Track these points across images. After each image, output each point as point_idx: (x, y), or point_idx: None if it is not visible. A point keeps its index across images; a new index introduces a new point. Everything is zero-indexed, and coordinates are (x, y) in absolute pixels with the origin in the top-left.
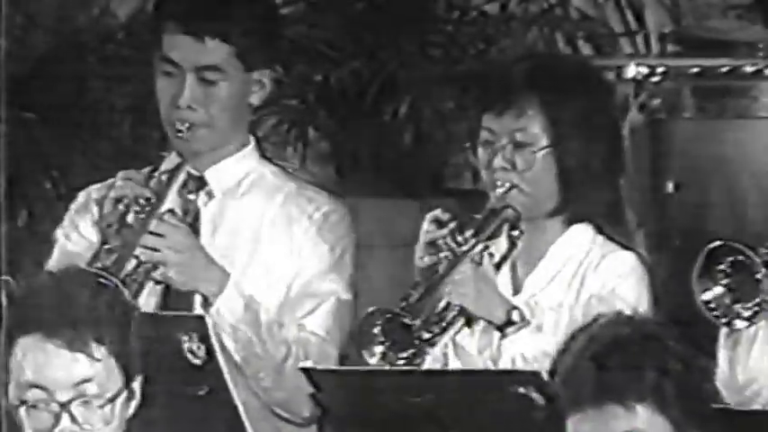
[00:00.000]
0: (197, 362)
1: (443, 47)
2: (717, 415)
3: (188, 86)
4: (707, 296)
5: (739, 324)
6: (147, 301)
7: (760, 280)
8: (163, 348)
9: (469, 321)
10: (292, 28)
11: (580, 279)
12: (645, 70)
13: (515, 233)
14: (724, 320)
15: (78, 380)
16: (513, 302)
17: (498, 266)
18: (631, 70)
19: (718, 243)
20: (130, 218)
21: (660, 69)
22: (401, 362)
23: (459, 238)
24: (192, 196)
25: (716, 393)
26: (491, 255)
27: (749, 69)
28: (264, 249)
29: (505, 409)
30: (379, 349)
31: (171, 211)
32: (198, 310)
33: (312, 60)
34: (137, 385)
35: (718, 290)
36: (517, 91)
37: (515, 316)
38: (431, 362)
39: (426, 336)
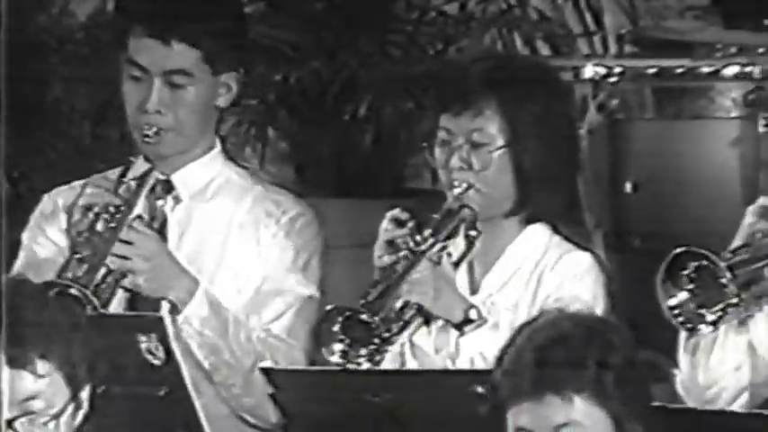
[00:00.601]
0: (156, 362)
1: (403, 47)
2: (659, 411)
3: (155, 91)
4: (672, 302)
5: (705, 329)
6: (115, 308)
7: (725, 284)
8: (121, 349)
9: (428, 320)
10: (252, 28)
11: (536, 279)
12: (602, 71)
13: (473, 233)
14: (689, 326)
15: (23, 397)
16: (472, 301)
17: (456, 266)
18: (589, 71)
19: (681, 249)
20: (100, 226)
21: (618, 70)
22: (361, 359)
23: (418, 238)
24: (160, 202)
25: (672, 391)
26: (449, 254)
27: (706, 70)
28: (232, 253)
29: (464, 408)
30: (338, 347)
31: (139, 216)
32: (166, 317)
33: (272, 60)
34: (84, 395)
35: (683, 295)
36: (474, 91)
37: (473, 314)
38: (387, 362)
39: (386, 334)
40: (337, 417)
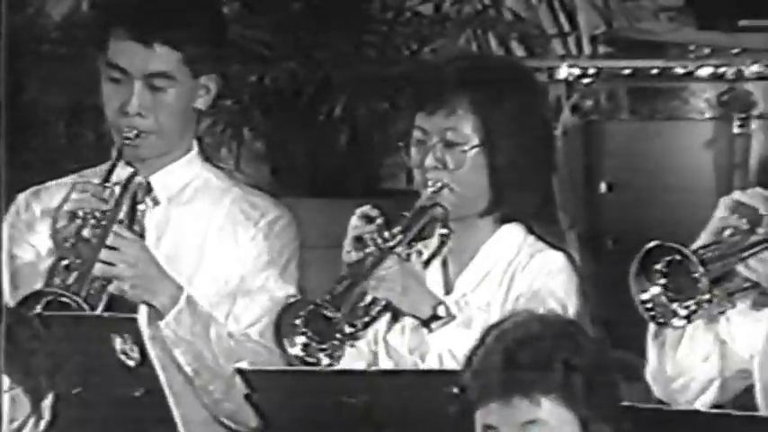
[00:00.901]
0: (131, 363)
1: (378, 47)
2: (630, 411)
3: (136, 93)
4: (644, 296)
5: (677, 323)
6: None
7: (697, 279)
8: (96, 351)
9: (396, 317)
10: (228, 28)
11: (509, 278)
12: (577, 71)
13: (444, 231)
14: (662, 320)
15: None
16: (440, 298)
17: (427, 264)
18: (563, 71)
19: (655, 243)
20: (86, 232)
21: (592, 71)
22: (321, 354)
23: (386, 234)
24: (141, 207)
25: (645, 390)
26: (419, 252)
27: (680, 71)
28: (211, 256)
29: (440, 409)
30: (300, 340)
31: (120, 221)
32: (144, 322)
33: (247, 60)
34: (46, 404)
35: (655, 290)
36: (448, 90)
37: (441, 311)
38: (356, 362)
39: (349, 330)
40: (314, 418)
